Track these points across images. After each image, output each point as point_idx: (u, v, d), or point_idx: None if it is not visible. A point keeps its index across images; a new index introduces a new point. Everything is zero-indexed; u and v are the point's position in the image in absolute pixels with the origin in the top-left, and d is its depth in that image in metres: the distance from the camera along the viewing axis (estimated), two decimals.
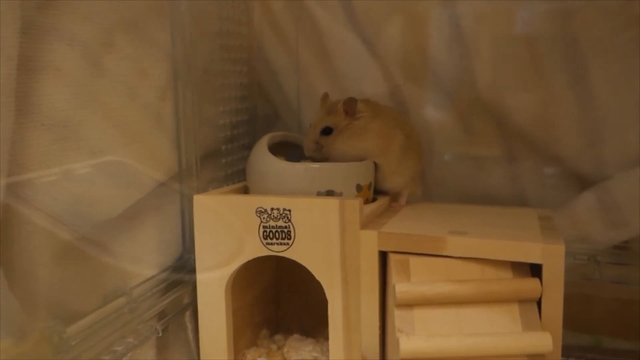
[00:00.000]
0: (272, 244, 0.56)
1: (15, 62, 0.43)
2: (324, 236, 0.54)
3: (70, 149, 0.49)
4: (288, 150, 0.65)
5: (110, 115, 0.54)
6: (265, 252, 0.56)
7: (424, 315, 0.47)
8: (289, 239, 0.55)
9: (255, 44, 0.79)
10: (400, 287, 0.48)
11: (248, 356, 0.63)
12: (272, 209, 0.55)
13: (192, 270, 0.59)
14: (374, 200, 0.63)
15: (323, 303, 0.55)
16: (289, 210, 0.55)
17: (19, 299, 0.44)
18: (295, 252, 0.55)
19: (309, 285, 0.56)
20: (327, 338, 0.56)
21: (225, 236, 0.57)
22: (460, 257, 0.50)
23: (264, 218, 0.55)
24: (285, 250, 0.55)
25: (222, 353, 0.59)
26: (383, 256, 0.54)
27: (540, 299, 0.48)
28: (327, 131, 0.62)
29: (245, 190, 0.63)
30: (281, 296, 0.72)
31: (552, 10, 0.67)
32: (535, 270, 0.49)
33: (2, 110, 0.41)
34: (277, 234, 0.55)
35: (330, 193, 0.58)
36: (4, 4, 0.41)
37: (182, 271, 0.63)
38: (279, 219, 0.55)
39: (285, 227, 0.55)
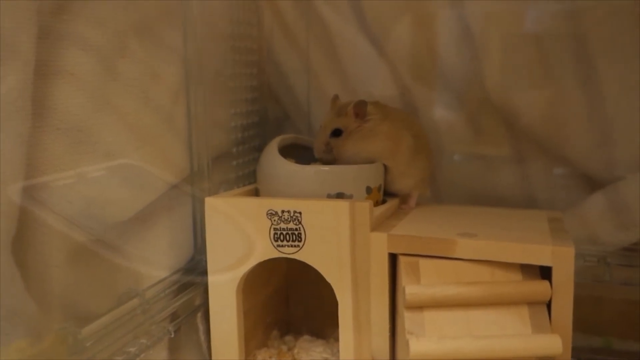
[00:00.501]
0: (282, 246, 0.56)
1: (32, 67, 0.43)
2: (334, 238, 0.54)
3: (85, 152, 0.50)
4: (298, 152, 0.65)
5: (123, 118, 0.54)
6: (276, 254, 0.56)
7: (433, 317, 0.47)
8: (300, 241, 0.55)
9: (265, 46, 0.79)
10: (410, 289, 0.48)
11: (259, 357, 0.63)
12: (282, 211, 0.55)
13: (204, 272, 0.60)
14: (383, 202, 0.63)
15: (333, 304, 0.55)
16: (300, 213, 0.55)
17: (35, 300, 0.45)
18: (306, 254, 0.55)
19: (320, 286, 0.56)
20: (337, 339, 0.57)
21: (236, 238, 0.57)
22: (469, 260, 0.50)
23: (274, 220, 0.56)
24: (295, 252, 0.56)
25: (233, 354, 0.59)
26: (393, 258, 0.54)
27: (550, 301, 0.48)
28: (337, 133, 0.62)
29: (256, 193, 0.63)
30: (292, 297, 0.72)
31: (561, 10, 0.67)
32: (545, 272, 0.49)
33: (20, 114, 0.42)
34: (287, 236, 0.56)
35: (340, 195, 0.58)
36: (22, 10, 0.42)
37: (193, 273, 0.64)
38: (290, 221, 0.55)
39: (296, 229, 0.55)
